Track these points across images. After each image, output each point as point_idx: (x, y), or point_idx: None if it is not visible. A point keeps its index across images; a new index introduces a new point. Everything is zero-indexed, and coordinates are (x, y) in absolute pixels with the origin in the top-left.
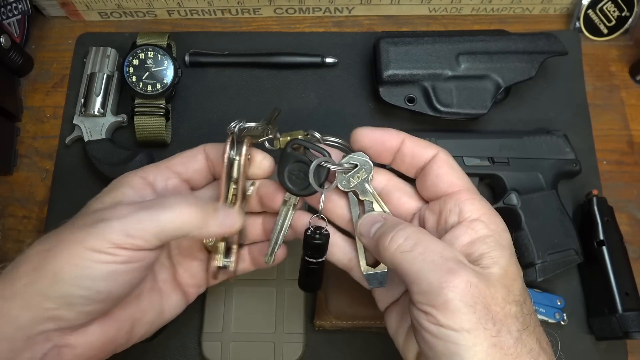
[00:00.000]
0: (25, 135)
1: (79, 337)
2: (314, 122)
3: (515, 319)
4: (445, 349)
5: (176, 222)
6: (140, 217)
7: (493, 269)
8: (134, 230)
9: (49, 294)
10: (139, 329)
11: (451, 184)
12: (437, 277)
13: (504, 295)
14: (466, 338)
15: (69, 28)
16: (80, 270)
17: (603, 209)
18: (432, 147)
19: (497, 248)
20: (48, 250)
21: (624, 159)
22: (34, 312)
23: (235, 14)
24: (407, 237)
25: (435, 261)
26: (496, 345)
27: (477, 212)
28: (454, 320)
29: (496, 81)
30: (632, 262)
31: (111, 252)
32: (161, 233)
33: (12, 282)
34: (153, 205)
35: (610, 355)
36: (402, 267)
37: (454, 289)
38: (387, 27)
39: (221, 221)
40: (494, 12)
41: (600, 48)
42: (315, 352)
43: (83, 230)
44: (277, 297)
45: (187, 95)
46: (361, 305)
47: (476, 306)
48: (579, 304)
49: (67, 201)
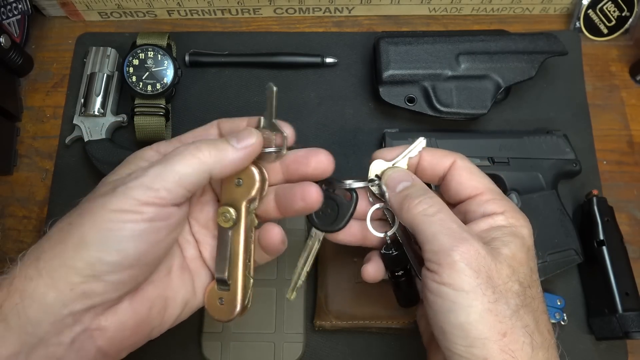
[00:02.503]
0: (25, 135)
1: (109, 317)
2: (314, 122)
3: (516, 294)
4: (443, 307)
5: (194, 165)
6: (157, 172)
7: (502, 249)
8: (155, 184)
9: (75, 265)
10: (172, 310)
11: (473, 187)
12: (449, 241)
13: (508, 273)
14: (463, 297)
15: (69, 28)
16: (106, 232)
17: (603, 209)
18: (449, 155)
19: (510, 235)
20: (70, 223)
21: (624, 159)
22: (61, 289)
23: (235, 14)
24: (432, 204)
25: (452, 229)
26: (491, 310)
27: (500, 209)
28: (455, 280)
29: (496, 81)
30: (632, 262)
31: (136, 210)
32: (183, 180)
33: (35, 261)
34: (166, 158)
35: (610, 355)
36: (420, 228)
37: (463, 254)
38: (387, 27)
39: (236, 145)
40: (494, 12)
41: (600, 48)
42: (315, 352)
43: (104, 196)
44: (277, 297)
45: (187, 95)
46: (361, 305)
47: (480, 272)
48: (579, 304)
49: (67, 201)
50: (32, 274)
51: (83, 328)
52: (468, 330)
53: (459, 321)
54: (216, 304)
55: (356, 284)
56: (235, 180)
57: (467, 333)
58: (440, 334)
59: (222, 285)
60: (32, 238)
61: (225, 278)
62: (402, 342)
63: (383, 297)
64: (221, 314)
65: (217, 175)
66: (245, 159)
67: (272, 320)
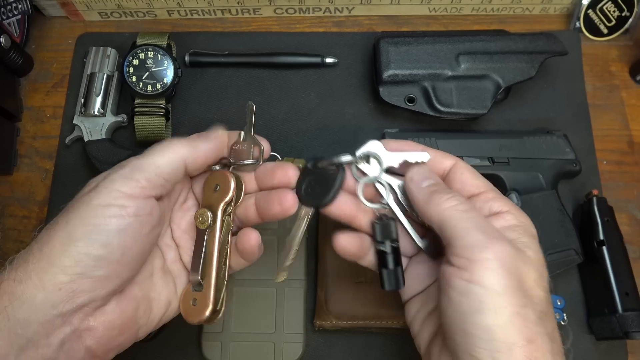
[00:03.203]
0: (25, 135)
1: (97, 317)
2: (314, 122)
3: (541, 301)
4: (469, 306)
5: (169, 155)
6: (136, 164)
7: (527, 252)
8: (134, 174)
9: (62, 263)
10: (157, 310)
11: (477, 186)
12: (482, 237)
13: (535, 278)
14: (494, 298)
15: (69, 28)
16: (92, 227)
17: (603, 209)
18: (450, 156)
19: (527, 235)
20: (57, 222)
21: (624, 159)
22: (49, 289)
23: (235, 14)
24: (464, 202)
25: (485, 227)
26: (520, 315)
27: (505, 207)
28: (487, 278)
29: (496, 81)
30: (632, 262)
31: (120, 204)
32: (160, 169)
33: (25, 263)
34: (143, 153)
35: (610, 355)
36: (451, 222)
37: (496, 252)
38: (387, 27)
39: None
40: (494, 12)
41: (600, 48)
42: (315, 352)
43: (89, 193)
44: (277, 297)
45: (187, 95)
46: (361, 305)
47: (512, 274)
48: (579, 304)
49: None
50: (21, 276)
51: (72, 329)
52: (495, 333)
53: (486, 323)
54: (189, 305)
55: (356, 284)
56: (213, 186)
57: (494, 336)
58: (462, 336)
59: (196, 287)
60: (32, 238)
61: (198, 279)
62: (402, 342)
63: (383, 297)
64: (193, 315)
65: (191, 165)
66: (215, 150)
67: (272, 320)
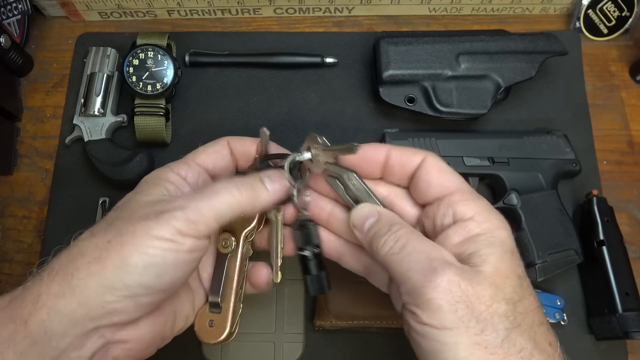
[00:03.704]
0: (25, 135)
1: (130, 331)
2: (314, 122)
3: (504, 317)
4: (430, 347)
5: (231, 203)
6: (198, 206)
7: (482, 267)
8: (196, 217)
9: (114, 285)
10: (179, 322)
11: (442, 187)
12: (420, 277)
13: (491, 294)
14: (448, 335)
15: (69, 28)
16: (149, 258)
17: (603, 209)
18: (419, 153)
19: (488, 246)
20: (109, 242)
21: (624, 159)
22: (92, 307)
23: (235, 14)
24: (398, 239)
25: (421, 261)
26: (479, 343)
27: (470, 212)
28: (435, 319)
29: (496, 81)
30: (632, 262)
31: (178, 240)
32: (219, 216)
33: (67, 277)
34: (206, 194)
35: (610, 355)
36: (392, 268)
37: (435, 288)
38: (387, 27)
39: (270, 189)
40: (494, 12)
41: (600, 48)
42: (315, 352)
43: (147, 220)
44: (277, 297)
45: (187, 95)
46: (361, 305)
47: (457, 305)
48: (579, 304)
49: (67, 201)
50: (65, 291)
51: (104, 342)
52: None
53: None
54: (206, 326)
55: (356, 284)
56: None
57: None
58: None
59: (213, 308)
60: (32, 238)
61: (218, 301)
62: (402, 342)
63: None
64: (210, 336)
65: (248, 214)
66: (274, 202)
67: (272, 320)
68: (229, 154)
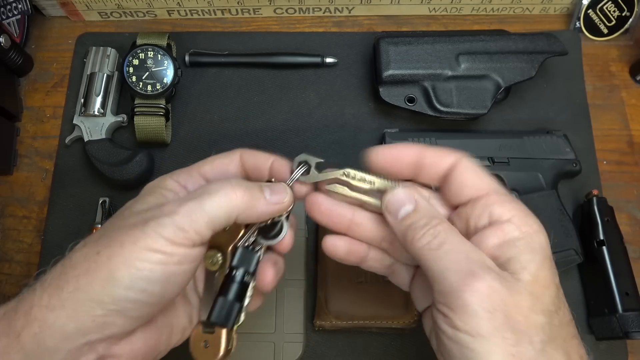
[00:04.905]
0: (25, 135)
1: (123, 346)
2: (314, 122)
3: (540, 329)
4: (460, 354)
5: (225, 206)
6: (189, 210)
7: (521, 274)
8: (186, 224)
9: (102, 299)
10: (175, 335)
11: (477, 188)
12: (458, 279)
13: (529, 305)
14: (482, 344)
15: (69, 28)
16: (137, 272)
17: (603, 209)
18: (451, 154)
19: (527, 251)
20: (98, 253)
21: (624, 159)
22: (82, 320)
23: (235, 14)
24: (437, 235)
25: (460, 262)
26: (514, 355)
27: (508, 214)
28: (470, 325)
29: (496, 81)
30: (632, 262)
31: (167, 251)
32: (212, 221)
33: (58, 290)
34: (198, 195)
35: (610, 355)
36: (427, 265)
37: (474, 294)
38: (387, 27)
39: (269, 198)
40: (494, 12)
41: (600, 48)
42: (315, 352)
43: (135, 229)
44: (277, 297)
45: (187, 95)
46: (361, 305)
47: (495, 313)
48: (579, 304)
49: (67, 201)
50: (55, 304)
51: (97, 356)
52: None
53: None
54: (201, 347)
55: (356, 284)
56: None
57: None
58: None
59: (207, 328)
60: (32, 238)
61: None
62: (402, 342)
63: (383, 297)
64: (205, 358)
65: (241, 220)
66: (272, 215)
67: (272, 320)
68: (237, 167)
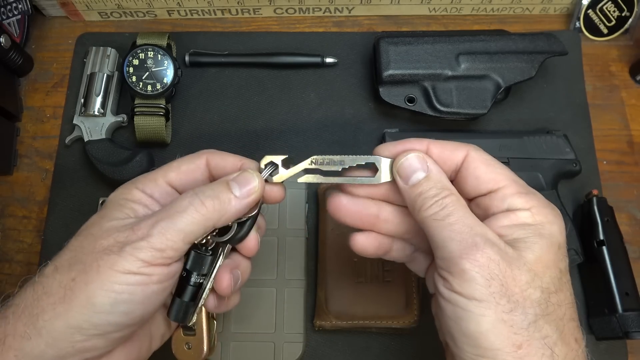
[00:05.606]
0: (25, 135)
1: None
2: (314, 122)
3: (536, 303)
4: (454, 313)
5: (198, 221)
6: (162, 230)
7: (525, 252)
8: (162, 244)
9: (81, 326)
10: (155, 342)
11: (494, 182)
12: (459, 248)
13: (528, 279)
14: (475, 306)
15: (69, 28)
16: (116, 296)
17: (603, 209)
18: (461, 147)
19: (535, 236)
20: (74, 280)
21: (624, 159)
22: (61, 347)
23: (235, 14)
24: (445, 206)
25: (463, 232)
26: (505, 321)
27: (527, 205)
28: (466, 288)
29: (496, 81)
30: (632, 262)
31: (146, 272)
32: (187, 237)
33: (33, 318)
34: (170, 214)
35: (610, 355)
36: (430, 232)
37: (473, 262)
38: (387, 27)
39: (238, 194)
40: (494, 12)
41: (600, 48)
42: (315, 352)
43: (111, 254)
44: (277, 297)
45: (187, 95)
46: (361, 305)
47: (492, 281)
48: (579, 304)
49: (67, 201)
50: (30, 332)
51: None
52: (478, 339)
53: (469, 330)
54: (183, 349)
55: (356, 284)
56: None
57: (478, 342)
58: (450, 339)
59: (187, 331)
60: (31, 238)
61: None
62: (402, 342)
63: (383, 297)
64: (189, 358)
65: (219, 225)
66: (249, 207)
67: (272, 320)
68: (204, 173)
